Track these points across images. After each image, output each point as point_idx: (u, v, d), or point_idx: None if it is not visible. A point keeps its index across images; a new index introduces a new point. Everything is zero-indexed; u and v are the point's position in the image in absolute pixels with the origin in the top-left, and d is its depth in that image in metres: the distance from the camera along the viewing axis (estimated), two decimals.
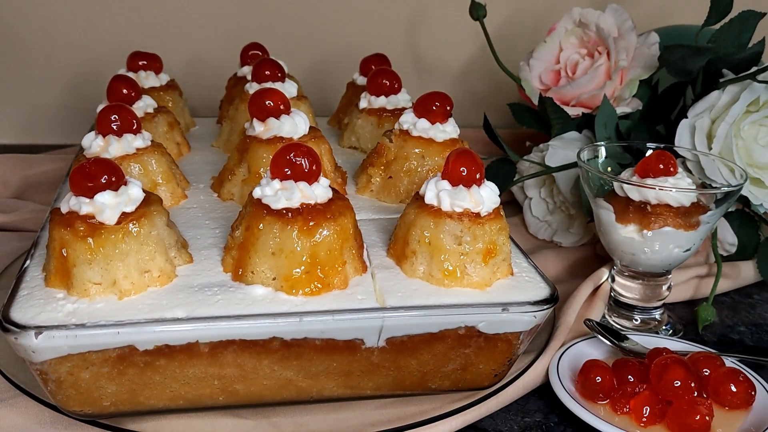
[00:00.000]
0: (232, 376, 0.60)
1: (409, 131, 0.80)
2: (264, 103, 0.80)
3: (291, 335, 0.58)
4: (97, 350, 0.56)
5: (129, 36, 1.29)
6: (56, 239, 0.59)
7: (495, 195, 0.66)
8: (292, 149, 0.63)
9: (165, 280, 0.61)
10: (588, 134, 0.96)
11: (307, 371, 0.61)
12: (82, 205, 0.59)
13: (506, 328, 0.63)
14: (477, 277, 0.64)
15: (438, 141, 0.80)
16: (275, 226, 0.61)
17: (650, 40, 0.94)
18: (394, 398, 0.66)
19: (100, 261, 0.58)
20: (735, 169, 0.77)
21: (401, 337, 0.61)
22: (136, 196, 0.61)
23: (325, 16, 1.34)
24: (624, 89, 0.94)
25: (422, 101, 0.81)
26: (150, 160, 0.78)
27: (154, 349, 0.57)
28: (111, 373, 0.57)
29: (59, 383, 0.57)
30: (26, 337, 0.54)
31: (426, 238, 0.64)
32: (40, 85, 1.33)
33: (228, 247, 0.65)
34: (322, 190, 0.63)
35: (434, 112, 0.80)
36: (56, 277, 0.60)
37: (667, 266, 0.77)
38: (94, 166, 0.61)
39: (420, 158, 0.80)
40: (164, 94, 1.03)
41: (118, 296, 0.59)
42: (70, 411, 0.60)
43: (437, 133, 0.80)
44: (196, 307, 0.58)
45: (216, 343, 0.58)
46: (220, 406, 0.63)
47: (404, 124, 0.81)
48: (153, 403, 0.60)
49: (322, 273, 0.61)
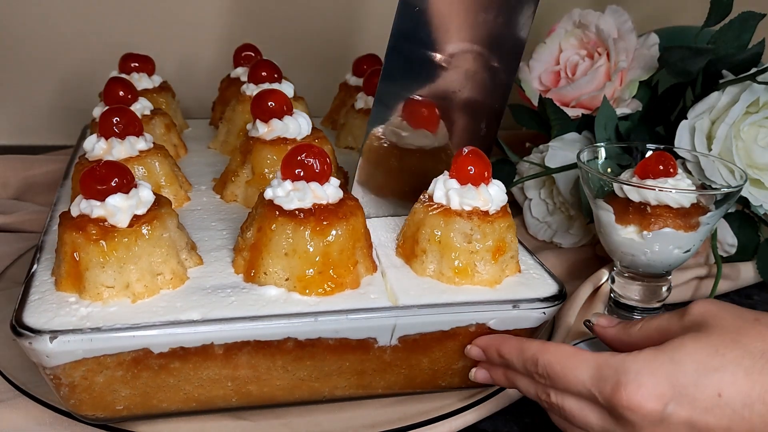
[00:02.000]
0: (246, 377, 0.60)
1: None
2: (267, 104, 0.80)
3: (305, 335, 0.59)
4: (112, 354, 0.55)
5: (124, 37, 1.29)
6: (67, 243, 0.59)
7: (503, 193, 0.67)
8: (303, 150, 0.64)
9: (177, 283, 0.61)
10: (588, 135, 0.96)
11: (320, 371, 0.61)
12: (93, 208, 0.59)
13: (516, 325, 0.63)
14: (487, 275, 0.65)
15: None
16: (288, 227, 0.61)
17: (650, 41, 0.94)
18: (404, 396, 0.67)
19: (113, 264, 0.58)
20: (735, 170, 0.78)
21: (413, 336, 0.62)
22: (147, 199, 0.61)
23: (317, 17, 1.34)
24: (624, 90, 0.95)
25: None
26: (153, 162, 0.78)
27: (169, 351, 0.57)
28: (125, 376, 0.57)
29: (73, 388, 0.57)
30: (41, 342, 0.54)
31: (436, 237, 0.65)
32: (37, 86, 1.32)
33: (239, 248, 0.65)
34: (333, 190, 0.64)
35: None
36: (68, 281, 0.59)
37: (667, 267, 0.78)
38: (104, 168, 0.60)
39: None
40: (158, 95, 1.02)
41: (131, 299, 0.58)
42: (83, 415, 0.59)
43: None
44: (211, 309, 0.58)
45: (231, 345, 0.58)
46: (233, 408, 0.63)
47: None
48: (166, 406, 0.60)
49: (335, 273, 0.61)
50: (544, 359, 0.56)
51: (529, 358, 0.57)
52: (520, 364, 0.58)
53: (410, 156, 0.78)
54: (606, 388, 0.52)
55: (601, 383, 0.52)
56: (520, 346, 0.59)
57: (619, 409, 0.51)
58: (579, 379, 0.53)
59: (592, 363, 0.53)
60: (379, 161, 0.77)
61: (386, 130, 0.76)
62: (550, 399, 0.56)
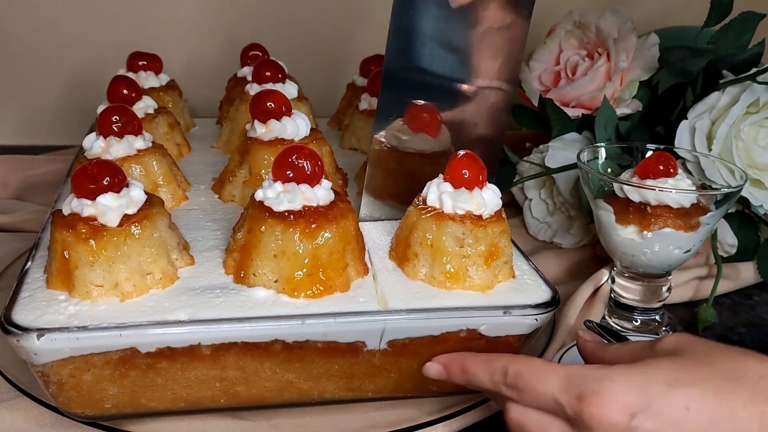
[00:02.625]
0: (234, 378, 0.60)
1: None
2: (265, 104, 0.80)
3: (293, 338, 0.59)
4: (99, 352, 0.56)
5: (129, 37, 1.29)
6: (58, 241, 0.59)
7: (497, 197, 0.66)
8: (294, 151, 0.64)
9: (167, 282, 0.61)
10: (588, 135, 0.96)
11: (308, 373, 0.61)
12: (84, 207, 0.59)
13: (508, 331, 0.63)
14: (479, 280, 0.64)
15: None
16: (277, 229, 0.61)
17: (650, 41, 0.94)
18: (394, 400, 0.66)
19: (102, 263, 0.58)
20: (735, 171, 0.77)
21: (403, 340, 0.61)
22: (138, 198, 0.61)
23: (326, 17, 1.34)
24: (624, 90, 0.94)
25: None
26: (151, 161, 0.78)
27: (156, 351, 0.57)
28: (113, 375, 0.57)
29: (61, 385, 0.57)
30: (28, 340, 0.54)
31: (428, 241, 0.64)
32: (39, 86, 1.32)
33: (230, 249, 0.65)
34: (324, 192, 0.63)
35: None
36: (58, 279, 0.60)
37: (667, 267, 0.77)
38: (95, 167, 0.61)
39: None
40: (164, 94, 1.03)
41: (120, 298, 0.59)
42: (72, 413, 0.60)
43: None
44: (199, 310, 0.58)
45: (218, 346, 0.58)
46: (221, 408, 0.63)
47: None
48: (154, 405, 0.60)
49: (324, 275, 0.61)
50: (515, 369, 0.55)
51: (499, 368, 0.56)
52: (487, 376, 0.56)
53: (411, 159, 0.78)
54: (574, 395, 0.51)
55: (571, 391, 0.51)
56: (488, 358, 0.57)
57: (586, 417, 0.50)
58: (548, 388, 0.52)
59: (563, 373, 0.53)
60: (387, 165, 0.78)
61: (388, 134, 0.76)
62: (509, 414, 0.55)
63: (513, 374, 0.54)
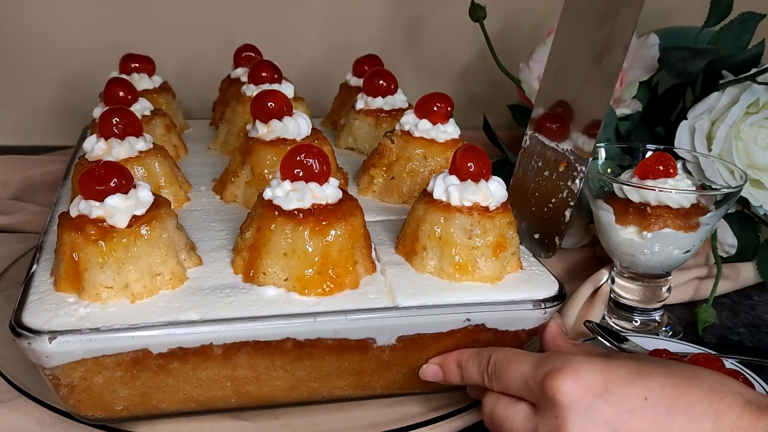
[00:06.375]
0: (245, 377, 0.60)
1: (411, 132, 0.80)
2: (266, 104, 0.80)
3: (305, 336, 0.59)
4: (110, 354, 0.55)
5: (125, 38, 1.29)
6: (66, 243, 0.59)
7: (503, 189, 0.67)
8: (303, 150, 0.63)
9: (176, 283, 0.61)
10: None
11: (319, 371, 0.61)
12: (92, 208, 0.59)
13: (516, 326, 0.63)
14: (488, 271, 0.65)
15: (440, 141, 0.80)
16: (287, 227, 0.61)
17: (650, 41, 0.94)
18: (403, 396, 0.67)
19: (112, 264, 0.58)
20: (735, 171, 0.78)
21: (412, 335, 0.61)
22: (146, 199, 0.61)
23: (318, 17, 1.34)
24: (624, 91, 0.95)
25: (423, 102, 0.81)
26: (153, 162, 0.77)
27: (168, 351, 0.57)
28: (124, 377, 0.57)
29: (72, 388, 0.57)
30: (40, 343, 0.54)
31: (436, 233, 0.65)
32: (37, 86, 1.32)
33: (238, 248, 0.65)
34: (332, 190, 0.64)
35: (435, 113, 0.80)
36: (66, 282, 0.59)
37: (666, 268, 0.78)
38: (103, 169, 0.60)
39: (422, 159, 0.80)
40: (158, 96, 1.02)
41: (130, 300, 0.58)
42: (82, 416, 0.59)
43: (439, 133, 0.80)
44: (210, 310, 0.58)
45: (230, 345, 0.58)
46: (231, 408, 0.63)
47: (405, 125, 0.81)
48: (165, 407, 0.60)
49: (334, 273, 0.61)
50: (496, 356, 0.58)
51: (485, 357, 0.59)
52: (476, 367, 0.60)
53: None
54: (542, 373, 0.53)
55: (539, 370, 0.54)
56: (478, 350, 0.61)
57: (550, 391, 0.52)
58: (519, 369, 0.56)
59: (535, 356, 0.56)
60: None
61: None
62: (483, 405, 0.59)
63: (493, 361, 0.58)
